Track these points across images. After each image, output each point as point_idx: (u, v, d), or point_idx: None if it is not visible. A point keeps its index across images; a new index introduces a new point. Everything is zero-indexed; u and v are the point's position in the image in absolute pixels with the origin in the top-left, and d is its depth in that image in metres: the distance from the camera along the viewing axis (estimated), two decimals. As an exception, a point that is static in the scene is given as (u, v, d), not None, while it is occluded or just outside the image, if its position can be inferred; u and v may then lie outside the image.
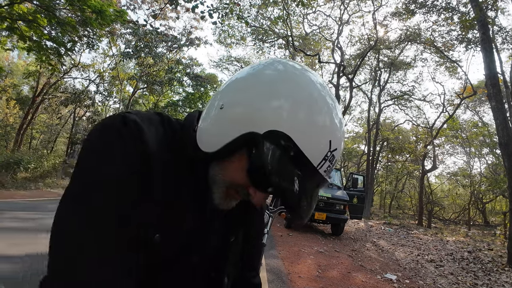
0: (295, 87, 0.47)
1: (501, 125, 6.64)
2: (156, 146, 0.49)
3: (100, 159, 0.45)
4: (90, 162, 0.46)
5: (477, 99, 18.28)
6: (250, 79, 0.50)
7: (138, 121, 0.48)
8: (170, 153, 0.51)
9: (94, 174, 0.45)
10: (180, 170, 0.52)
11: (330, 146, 0.46)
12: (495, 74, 7.18)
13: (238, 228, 0.65)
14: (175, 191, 0.51)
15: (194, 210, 0.54)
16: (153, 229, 0.48)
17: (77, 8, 8.44)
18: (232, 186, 0.51)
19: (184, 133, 0.55)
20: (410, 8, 13.40)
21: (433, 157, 18.97)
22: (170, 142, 0.52)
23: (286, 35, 17.48)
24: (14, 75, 22.41)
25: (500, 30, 12.05)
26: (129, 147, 0.46)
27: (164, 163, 0.50)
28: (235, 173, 0.49)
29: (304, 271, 4.50)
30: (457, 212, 21.66)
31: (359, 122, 28.50)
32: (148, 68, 19.76)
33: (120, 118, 0.48)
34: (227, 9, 9.51)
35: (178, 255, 0.53)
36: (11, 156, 13.13)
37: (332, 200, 8.01)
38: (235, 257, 0.65)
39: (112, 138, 0.46)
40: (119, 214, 0.44)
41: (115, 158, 0.45)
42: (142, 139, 0.47)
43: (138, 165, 0.46)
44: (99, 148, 0.46)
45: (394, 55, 19.00)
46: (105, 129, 0.48)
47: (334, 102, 0.50)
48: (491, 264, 6.23)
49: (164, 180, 0.49)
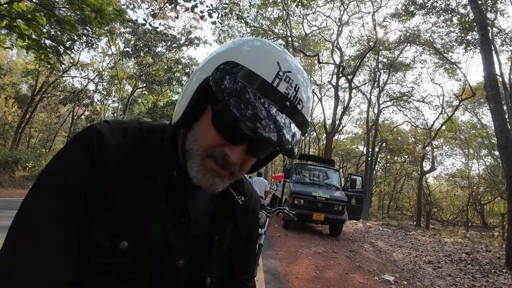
0: (244, 41, 0.51)
1: (500, 127, 6.65)
2: (121, 157, 0.50)
3: (59, 168, 0.49)
4: (50, 168, 0.49)
5: (476, 100, 18.29)
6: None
7: (105, 133, 0.50)
8: (140, 162, 0.52)
9: (50, 181, 0.48)
10: (152, 174, 0.52)
11: (280, 66, 0.46)
12: (494, 76, 7.19)
13: (223, 227, 0.63)
14: (144, 197, 0.51)
15: (168, 213, 0.53)
16: (117, 237, 0.48)
17: (76, 7, 8.42)
18: (207, 153, 0.49)
19: (164, 132, 0.56)
20: (409, 9, 13.41)
21: (432, 158, 18.98)
22: (144, 149, 0.53)
23: (285, 36, 17.49)
24: (13, 73, 22.35)
25: (500, 32, 12.07)
26: (86, 160, 0.48)
27: (130, 173, 0.51)
28: (206, 133, 0.48)
29: (301, 272, 4.49)
30: (455, 213, 21.69)
31: (358, 123, 28.52)
32: (148, 67, 19.74)
33: (89, 130, 0.51)
34: (227, 9, 9.50)
35: (153, 260, 0.52)
36: (9, 155, 13.11)
37: (331, 201, 8.01)
38: (219, 257, 0.63)
39: (75, 150, 0.50)
40: (61, 219, 0.46)
41: (72, 168, 0.48)
42: (103, 152, 0.49)
43: (92, 176, 0.48)
44: (62, 157, 0.50)
45: (394, 56, 19.02)
46: (74, 140, 0.51)
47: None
48: (489, 265, 6.24)
49: (129, 188, 0.50)
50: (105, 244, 0.48)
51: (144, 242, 0.51)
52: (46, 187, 0.47)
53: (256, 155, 0.52)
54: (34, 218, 0.45)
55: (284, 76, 0.45)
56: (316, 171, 9.71)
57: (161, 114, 22.71)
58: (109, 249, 0.48)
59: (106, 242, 0.48)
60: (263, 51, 0.47)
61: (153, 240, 0.51)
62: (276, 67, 0.45)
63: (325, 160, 10.68)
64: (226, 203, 0.63)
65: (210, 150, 0.49)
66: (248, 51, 0.47)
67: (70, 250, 0.46)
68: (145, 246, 0.51)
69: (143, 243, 0.51)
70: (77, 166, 0.48)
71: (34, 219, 0.45)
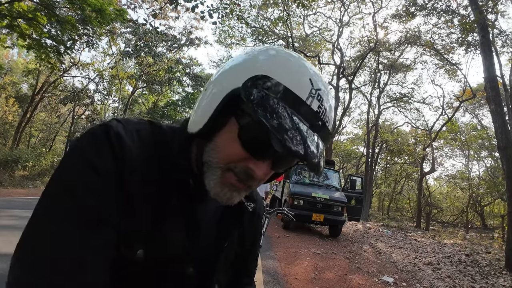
0: (272, 51, 0.49)
1: (500, 128, 6.64)
2: (138, 162, 0.48)
3: (79, 170, 0.44)
4: (70, 171, 0.44)
5: (476, 102, 18.29)
6: (229, 62, 0.51)
7: (123, 135, 0.47)
8: (155, 168, 0.50)
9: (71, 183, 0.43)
10: (167, 182, 0.50)
11: (312, 83, 0.45)
12: (495, 77, 7.19)
13: (231, 232, 0.62)
14: (160, 205, 0.49)
15: (181, 224, 0.52)
16: (135, 245, 0.47)
17: (77, 7, 8.43)
18: (228, 166, 0.47)
19: (174, 137, 0.54)
20: (410, 10, 13.43)
21: (432, 159, 18.98)
22: (158, 154, 0.51)
23: (286, 36, 17.50)
24: (13, 73, 22.36)
25: (500, 33, 12.07)
26: (107, 162, 0.45)
27: (146, 178, 0.48)
28: (229, 147, 0.46)
29: (300, 273, 4.49)
30: (455, 214, 21.67)
31: (358, 124, 28.53)
32: (148, 67, 19.77)
33: (104, 128, 0.47)
34: (227, 9, 9.51)
35: (167, 269, 0.52)
36: (9, 154, 13.12)
37: (330, 201, 8.01)
38: (226, 264, 0.62)
39: (92, 150, 0.45)
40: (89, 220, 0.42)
41: (91, 171, 0.44)
42: (121, 155, 0.46)
43: (113, 180, 0.45)
44: (78, 158, 0.45)
45: (394, 57, 19.04)
46: (89, 138, 0.46)
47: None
48: (488, 267, 6.23)
49: (146, 196, 0.48)
50: (123, 251, 0.46)
51: (160, 250, 0.49)
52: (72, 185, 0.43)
53: (279, 169, 0.51)
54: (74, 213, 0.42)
55: (316, 94, 0.45)
56: (316, 172, 9.69)
57: (161, 114, 22.72)
58: (126, 257, 0.47)
59: (124, 249, 0.46)
60: (295, 66, 0.46)
61: (168, 248, 0.50)
62: (309, 85, 0.45)
63: (325, 161, 10.65)
64: (235, 209, 0.61)
65: (232, 164, 0.47)
66: (280, 65, 0.46)
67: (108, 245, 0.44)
68: (161, 254, 0.50)
69: (159, 251, 0.49)
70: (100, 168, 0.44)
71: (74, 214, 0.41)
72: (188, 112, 25.76)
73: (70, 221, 0.41)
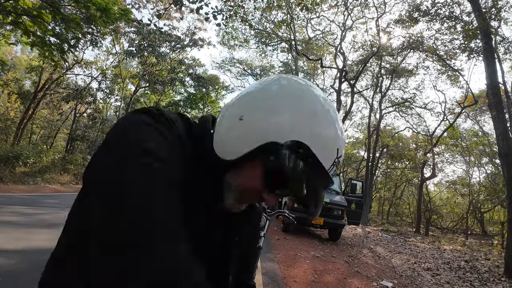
0: (304, 100, 0.51)
1: (502, 135, 6.64)
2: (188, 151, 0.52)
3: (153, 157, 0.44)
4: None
5: (478, 108, 18.28)
6: (268, 93, 0.53)
7: (178, 126, 0.51)
8: (193, 157, 0.53)
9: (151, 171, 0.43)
10: (199, 174, 0.54)
11: (338, 153, 0.52)
12: (497, 84, 7.20)
13: (241, 227, 0.66)
14: (193, 195, 0.53)
15: (205, 212, 0.56)
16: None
17: (82, 5, 8.47)
18: (245, 191, 0.54)
19: (205, 138, 0.56)
20: (413, 16, 13.45)
21: (433, 165, 18.97)
22: (193, 146, 0.54)
23: (289, 39, 17.54)
24: (16, 69, 22.41)
25: (503, 40, 12.11)
26: (175, 147, 0.48)
27: (191, 173, 0.52)
28: (251, 180, 0.52)
29: (299, 276, 4.48)
30: (455, 220, 21.61)
31: (359, 128, 28.54)
32: (151, 67, 19.82)
33: (162, 118, 0.49)
34: (232, 11, 9.55)
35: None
36: (10, 150, 13.13)
37: (330, 205, 8.00)
38: (235, 256, 0.67)
39: (162, 138, 0.47)
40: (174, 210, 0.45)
41: (167, 157, 0.46)
42: (182, 141, 0.50)
43: (180, 163, 0.48)
44: (149, 144, 0.44)
45: (396, 62, 19.04)
46: (150, 125, 0.47)
47: (336, 114, 0.54)
48: (487, 274, 6.22)
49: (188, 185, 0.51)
50: None
51: (201, 247, 0.52)
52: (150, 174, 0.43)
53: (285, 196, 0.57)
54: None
55: (337, 162, 0.52)
56: (316, 175, 9.69)
57: (163, 114, 22.66)
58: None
59: None
60: (329, 131, 0.51)
61: (207, 245, 0.56)
62: (335, 154, 0.52)
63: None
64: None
65: (248, 191, 0.54)
66: (316, 131, 0.49)
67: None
68: (201, 252, 0.51)
69: (200, 248, 0.51)
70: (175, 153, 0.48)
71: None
72: (190, 112, 25.79)
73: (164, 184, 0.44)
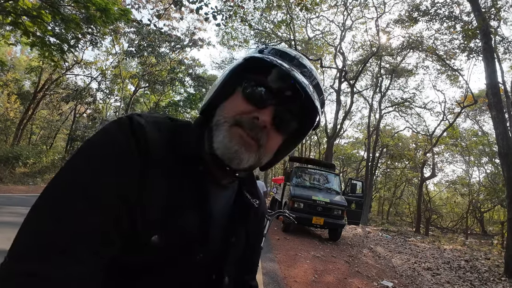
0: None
1: (501, 134, 6.65)
2: (158, 150, 0.50)
3: (96, 157, 0.46)
4: (84, 157, 0.46)
5: (477, 108, 18.29)
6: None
7: (145, 125, 0.50)
8: (172, 157, 0.52)
9: (86, 167, 0.45)
10: (182, 171, 0.53)
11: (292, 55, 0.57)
12: (496, 83, 7.20)
13: (239, 228, 0.65)
14: (176, 193, 0.51)
15: (195, 211, 0.54)
16: (150, 231, 0.48)
17: (82, 5, 8.46)
18: (235, 119, 0.52)
19: (191, 131, 0.57)
20: (413, 15, 13.45)
21: (432, 164, 18.96)
22: (174, 144, 0.53)
23: (289, 39, 17.55)
24: (16, 70, 22.39)
25: (502, 40, 12.11)
26: (126, 149, 0.47)
27: (164, 166, 0.51)
28: (235, 104, 0.54)
29: (300, 276, 4.48)
30: (455, 220, 21.61)
31: (359, 128, 28.57)
32: (151, 67, 19.82)
33: (129, 120, 0.50)
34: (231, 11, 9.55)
35: (178, 256, 0.53)
36: (10, 151, 13.13)
37: (330, 205, 8.00)
38: (235, 257, 0.65)
39: (113, 139, 0.48)
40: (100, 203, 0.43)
41: (111, 159, 0.46)
42: (146, 143, 0.49)
43: (133, 168, 0.47)
44: (98, 145, 0.47)
45: (396, 62, 19.04)
46: (111, 128, 0.49)
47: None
48: (487, 273, 6.22)
49: (163, 183, 0.50)
50: (140, 237, 0.47)
51: (172, 236, 0.50)
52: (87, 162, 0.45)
53: (281, 126, 0.55)
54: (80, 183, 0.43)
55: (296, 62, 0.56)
56: (316, 175, 9.70)
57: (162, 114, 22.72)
58: (141, 243, 0.48)
59: (141, 235, 0.47)
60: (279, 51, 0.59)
61: (179, 234, 0.51)
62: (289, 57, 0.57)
63: (325, 164, 10.67)
64: (242, 205, 0.65)
65: (238, 116, 0.52)
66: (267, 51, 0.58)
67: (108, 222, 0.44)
68: (172, 240, 0.51)
69: (173, 237, 0.50)
70: (120, 152, 0.47)
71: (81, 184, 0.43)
72: (189, 112, 25.79)
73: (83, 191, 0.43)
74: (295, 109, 0.54)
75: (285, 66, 0.51)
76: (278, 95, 0.53)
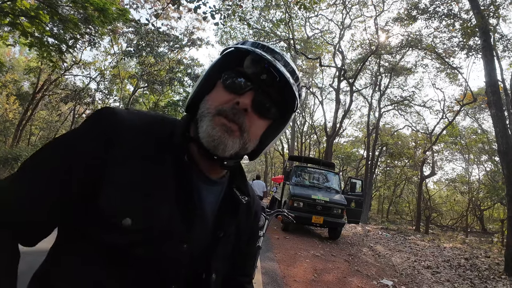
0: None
1: (501, 132, 6.65)
2: (134, 136, 0.54)
3: (72, 132, 0.55)
4: (65, 134, 0.56)
5: (477, 106, 18.28)
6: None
7: (119, 112, 0.55)
8: (153, 145, 0.55)
9: (61, 139, 0.54)
10: (163, 158, 0.55)
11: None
12: (496, 81, 7.20)
13: (227, 224, 0.64)
14: (152, 178, 0.53)
15: (178, 201, 0.54)
16: (120, 212, 0.49)
17: (80, 6, 8.44)
18: (218, 110, 0.54)
19: (176, 123, 0.60)
20: (412, 14, 13.44)
21: (432, 163, 18.97)
22: (157, 134, 0.56)
23: (287, 38, 17.51)
24: (15, 70, 22.35)
25: (501, 38, 12.08)
26: (97, 128, 0.53)
27: (141, 152, 0.53)
28: (217, 95, 0.57)
29: (299, 275, 4.48)
30: (455, 218, 21.64)
31: (358, 126, 28.48)
32: (149, 67, 19.76)
33: (106, 108, 0.55)
34: (230, 10, 9.52)
35: (161, 244, 0.52)
36: (9, 152, 13.10)
37: (330, 204, 7.99)
38: (224, 254, 0.64)
39: (89, 121, 0.54)
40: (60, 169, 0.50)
41: (82, 134, 0.53)
42: (117, 127, 0.53)
43: (100, 143, 0.51)
44: (80, 126, 0.55)
45: (395, 60, 19.02)
46: (91, 114, 0.56)
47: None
48: (488, 271, 6.22)
49: (138, 167, 0.52)
50: (109, 218, 0.49)
51: (148, 221, 0.51)
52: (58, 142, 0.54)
53: (262, 109, 0.57)
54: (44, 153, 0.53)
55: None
56: (316, 174, 9.70)
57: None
58: (113, 224, 0.49)
59: (110, 216, 0.49)
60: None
61: (157, 221, 0.51)
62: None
63: (325, 163, 10.67)
64: (231, 201, 0.65)
65: (220, 106, 0.55)
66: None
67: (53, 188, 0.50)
68: (149, 226, 0.51)
69: (147, 222, 0.51)
70: (89, 133, 0.53)
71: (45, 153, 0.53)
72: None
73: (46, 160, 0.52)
74: (274, 92, 0.57)
75: (258, 51, 0.55)
76: (255, 81, 0.56)
